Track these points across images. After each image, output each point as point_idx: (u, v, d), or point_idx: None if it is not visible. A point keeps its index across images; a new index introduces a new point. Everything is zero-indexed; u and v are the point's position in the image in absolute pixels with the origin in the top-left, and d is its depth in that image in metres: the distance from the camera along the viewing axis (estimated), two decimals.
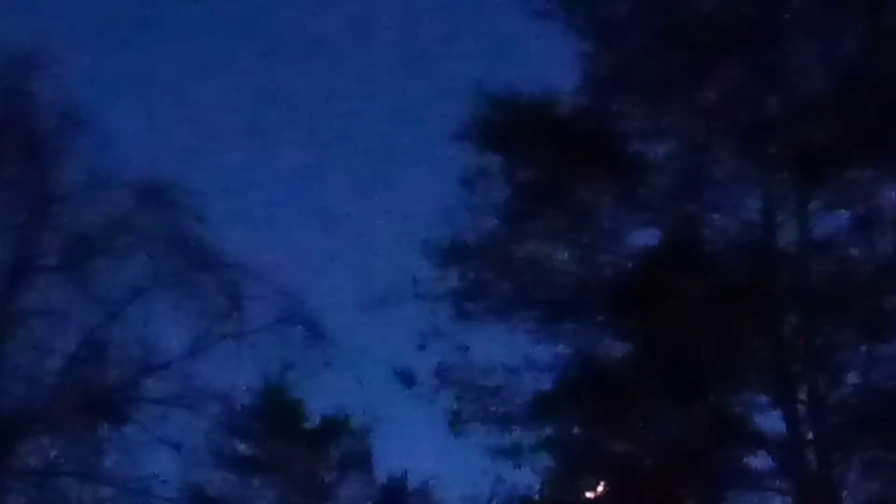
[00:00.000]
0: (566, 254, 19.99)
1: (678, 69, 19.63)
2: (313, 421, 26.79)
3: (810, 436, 18.64)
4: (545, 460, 19.63)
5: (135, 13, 27.25)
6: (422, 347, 19.73)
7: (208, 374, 21.47)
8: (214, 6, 27.25)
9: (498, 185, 20.07)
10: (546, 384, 19.63)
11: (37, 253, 21.44)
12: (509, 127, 19.92)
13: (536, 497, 19.64)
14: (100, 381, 21.34)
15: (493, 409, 19.67)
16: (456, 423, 19.76)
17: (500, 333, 19.85)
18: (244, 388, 22.85)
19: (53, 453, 21.23)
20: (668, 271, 18.66)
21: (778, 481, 18.83)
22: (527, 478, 19.61)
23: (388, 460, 26.31)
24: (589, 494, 19.21)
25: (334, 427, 26.79)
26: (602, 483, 19.19)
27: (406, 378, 19.84)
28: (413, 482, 26.15)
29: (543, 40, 20.55)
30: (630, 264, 19.62)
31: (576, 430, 19.79)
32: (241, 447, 25.41)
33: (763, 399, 19.01)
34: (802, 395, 18.76)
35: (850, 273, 18.87)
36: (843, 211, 19.22)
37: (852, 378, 18.86)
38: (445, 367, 19.71)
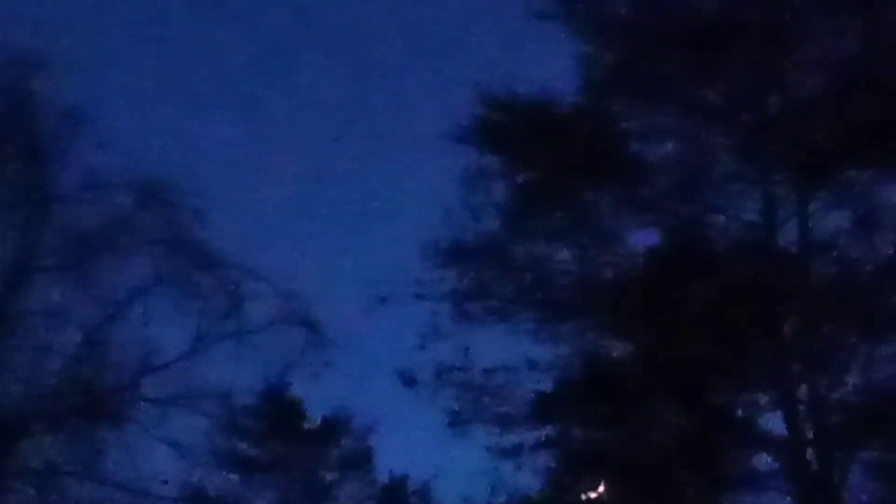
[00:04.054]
0: (566, 254, 20.00)
1: (678, 69, 19.64)
2: (313, 421, 26.83)
3: (811, 436, 18.64)
4: (545, 460, 19.66)
5: (135, 13, 27.25)
6: (422, 347, 19.74)
7: (208, 374, 21.48)
8: (214, 6, 27.25)
9: (498, 185, 20.11)
10: (546, 384, 19.66)
11: (37, 253, 21.43)
12: (509, 127, 19.94)
13: (536, 497, 19.64)
14: (100, 381, 21.33)
15: (494, 409, 19.68)
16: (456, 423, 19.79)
17: (500, 334, 19.89)
18: (244, 388, 22.83)
19: (53, 453, 21.22)
20: (668, 271, 18.67)
21: (779, 481, 18.83)
22: (527, 478, 19.64)
23: (388, 460, 26.34)
24: (590, 494, 19.20)
25: (334, 427, 26.83)
26: (602, 483, 19.18)
27: (407, 378, 19.85)
28: (413, 482, 26.20)
29: (543, 40, 20.55)
30: (630, 264, 19.62)
31: (576, 430, 19.78)
32: (241, 447, 25.43)
33: (764, 399, 19.03)
34: (803, 396, 18.77)
35: (851, 273, 18.88)
36: (843, 211, 19.23)
37: (852, 378, 18.86)
38: (446, 368, 19.72)
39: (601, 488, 19.17)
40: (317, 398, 25.34)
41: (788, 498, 18.91)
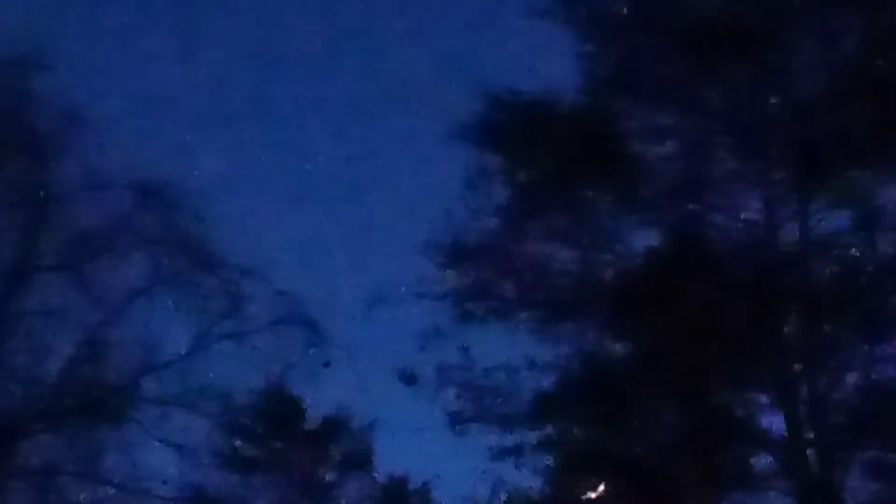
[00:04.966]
0: (567, 254, 20.01)
1: (679, 69, 19.64)
2: (313, 421, 26.76)
3: (811, 436, 18.64)
4: (546, 460, 19.65)
5: (135, 13, 27.21)
6: (423, 347, 19.75)
7: (208, 374, 21.50)
8: (214, 7, 27.21)
9: (499, 185, 20.11)
10: (547, 384, 19.65)
11: (37, 253, 21.44)
12: (510, 126, 19.95)
13: (537, 497, 19.63)
14: (100, 381, 21.34)
15: (494, 409, 19.69)
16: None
17: (500, 333, 19.89)
18: (244, 388, 22.83)
19: (53, 453, 21.22)
20: (668, 271, 18.67)
21: (779, 481, 18.83)
22: (527, 478, 19.64)
23: (389, 460, 26.28)
24: (589, 494, 19.19)
25: (334, 427, 26.76)
26: (602, 483, 19.18)
27: (407, 378, 19.85)
28: (413, 482, 26.14)
29: (544, 40, 20.56)
30: (630, 264, 19.62)
31: (576, 429, 19.78)
32: (241, 447, 25.37)
33: (764, 399, 19.04)
34: (803, 396, 18.78)
35: (851, 273, 18.89)
36: (843, 211, 19.23)
37: (853, 378, 18.87)
38: (446, 367, 19.73)
39: (601, 488, 19.15)
40: (317, 398, 25.30)
41: (788, 498, 18.93)
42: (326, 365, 22.01)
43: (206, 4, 27.28)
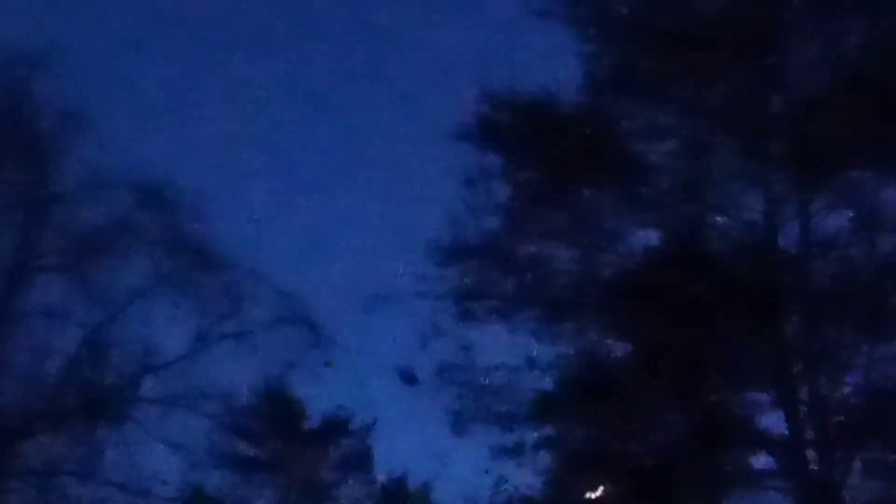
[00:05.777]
0: (567, 253, 20.01)
1: (679, 69, 19.65)
2: (313, 421, 26.78)
3: (811, 436, 18.64)
4: (546, 460, 19.65)
5: (134, 13, 27.23)
6: (423, 347, 19.75)
7: (208, 374, 21.51)
8: (215, 6, 27.23)
9: (499, 184, 20.12)
10: (547, 384, 19.66)
11: (37, 253, 21.46)
12: (510, 127, 19.96)
13: (537, 497, 19.64)
14: (100, 381, 21.35)
15: (495, 408, 19.68)
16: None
17: (501, 333, 19.89)
18: (244, 388, 22.84)
19: (53, 453, 21.23)
20: (669, 271, 18.67)
21: (779, 481, 18.84)
22: (528, 477, 19.64)
23: (388, 460, 26.29)
24: (590, 494, 19.19)
25: (334, 427, 26.77)
26: (602, 483, 19.18)
27: (407, 377, 19.86)
28: (413, 482, 26.15)
29: (544, 40, 20.56)
30: (630, 264, 19.63)
31: (576, 429, 19.78)
32: (241, 447, 25.38)
33: (764, 399, 19.04)
34: (804, 395, 18.78)
35: (852, 273, 18.89)
36: (844, 211, 19.24)
37: (853, 378, 18.89)
38: (447, 367, 19.73)
39: (601, 488, 19.16)
40: (317, 398, 25.32)
41: (788, 498, 18.93)
42: (327, 365, 22.02)
43: (207, 3, 27.30)
